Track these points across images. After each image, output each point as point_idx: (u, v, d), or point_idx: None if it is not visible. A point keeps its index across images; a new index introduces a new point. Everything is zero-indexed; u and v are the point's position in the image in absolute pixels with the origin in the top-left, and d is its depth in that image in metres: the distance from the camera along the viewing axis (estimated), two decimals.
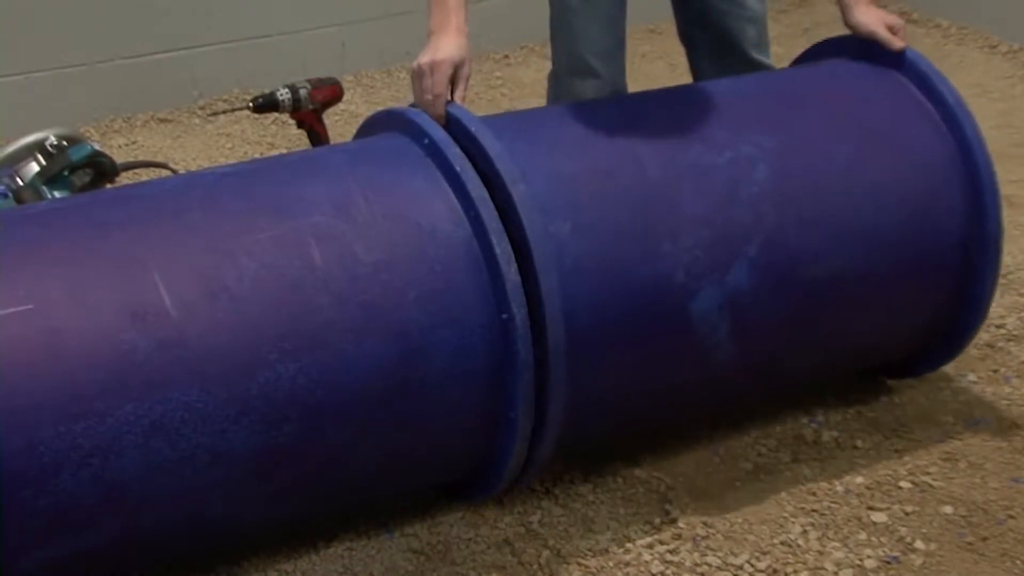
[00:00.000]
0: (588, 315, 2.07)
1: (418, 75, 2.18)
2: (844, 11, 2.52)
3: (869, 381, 2.65)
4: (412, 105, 2.23)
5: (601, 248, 2.10)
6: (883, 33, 2.47)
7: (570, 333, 2.03)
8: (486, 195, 2.02)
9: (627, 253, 2.12)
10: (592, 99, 2.66)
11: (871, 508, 2.30)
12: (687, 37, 2.90)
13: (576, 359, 2.04)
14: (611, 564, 2.18)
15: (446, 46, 2.18)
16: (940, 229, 2.37)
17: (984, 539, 2.22)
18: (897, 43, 2.45)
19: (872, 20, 2.48)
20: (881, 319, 2.42)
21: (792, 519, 2.28)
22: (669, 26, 2.96)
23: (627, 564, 2.18)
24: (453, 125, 2.11)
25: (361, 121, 2.36)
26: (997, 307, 2.93)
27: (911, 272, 2.37)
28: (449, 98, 2.17)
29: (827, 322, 2.34)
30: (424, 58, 2.18)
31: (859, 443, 2.48)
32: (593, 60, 2.70)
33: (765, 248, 2.20)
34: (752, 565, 2.17)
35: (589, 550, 2.21)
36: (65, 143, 2.67)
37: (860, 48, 2.51)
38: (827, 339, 2.39)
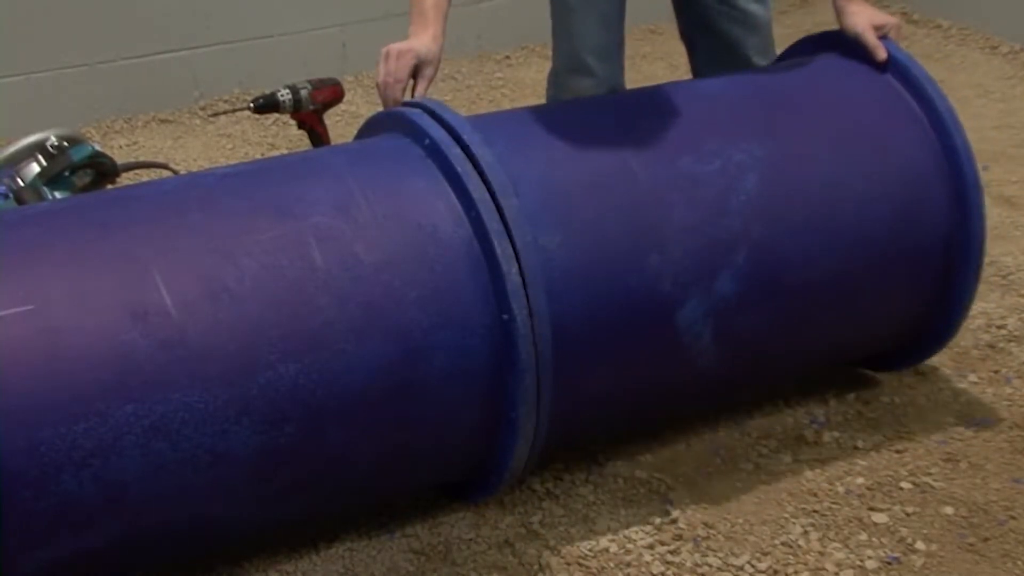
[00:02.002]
0: (575, 325, 2.07)
1: (383, 58, 2.30)
2: (837, 13, 2.52)
3: (870, 381, 2.65)
4: (411, 104, 2.24)
5: (590, 260, 2.10)
6: (870, 38, 2.45)
7: (558, 342, 2.03)
8: (487, 196, 2.02)
9: (615, 265, 2.12)
10: (586, 100, 2.66)
11: (872, 509, 2.30)
12: (688, 40, 2.90)
13: (563, 366, 2.05)
14: (612, 565, 2.18)
15: (417, 42, 2.32)
16: (925, 234, 2.38)
17: (985, 540, 2.22)
18: (880, 52, 2.44)
19: (860, 23, 2.47)
20: (864, 321, 2.43)
21: (793, 520, 2.28)
22: (669, 27, 2.97)
23: (628, 565, 2.18)
24: (448, 130, 2.11)
25: (362, 122, 2.36)
26: (998, 308, 2.93)
27: (895, 276, 2.39)
28: (410, 95, 2.29)
29: (809, 325, 2.36)
30: (393, 45, 2.31)
31: (860, 444, 2.48)
32: (590, 59, 2.70)
33: (752, 257, 2.21)
34: (753, 566, 2.16)
35: (590, 551, 2.21)
36: (66, 143, 2.67)
37: (849, 45, 2.51)
38: (809, 341, 2.40)
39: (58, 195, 2.62)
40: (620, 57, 2.79)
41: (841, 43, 2.53)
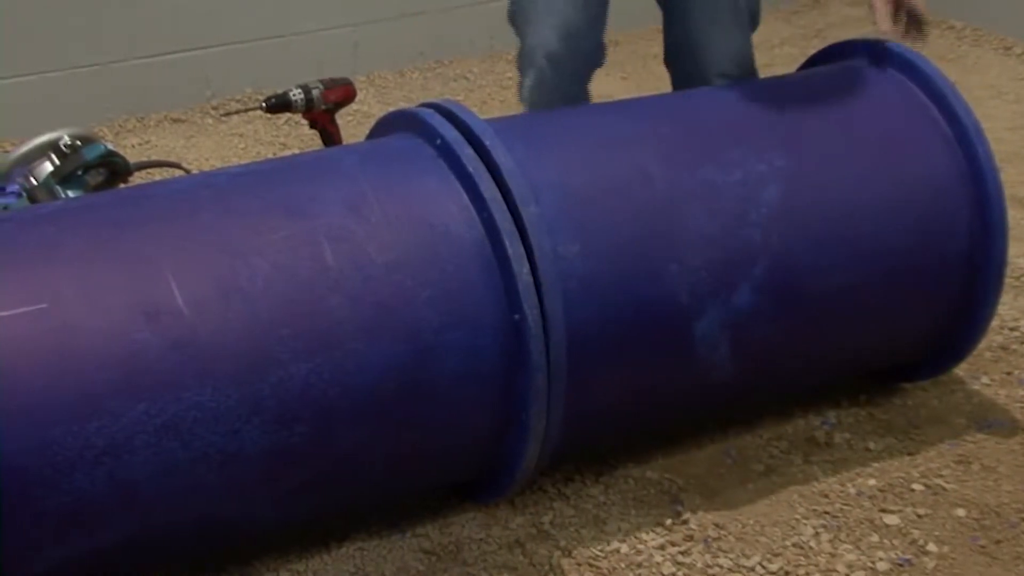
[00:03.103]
0: (590, 331, 2.07)
1: None
2: None
3: (881, 383, 2.64)
4: (424, 104, 2.24)
5: (607, 268, 2.09)
6: (879, 3, 2.37)
7: (572, 347, 2.03)
8: (498, 195, 2.02)
9: (634, 274, 2.11)
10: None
11: (883, 510, 2.29)
12: (669, 63, 2.85)
13: (576, 372, 2.05)
14: (622, 565, 2.18)
15: None
16: (946, 247, 2.37)
17: (997, 542, 2.21)
18: (884, 23, 2.36)
19: (879, 5, 2.37)
20: (883, 333, 2.42)
21: (804, 521, 2.27)
22: None
23: (638, 565, 2.18)
24: (465, 132, 2.11)
25: (374, 121, 2.36)
26: (1011, 309, 2.92)
27: (915, 289, 2.38)
28: None
29: (828, 337, 2.35)
30: None
31: (871, 445, 2.47)
32: (542, 61, 2.65)
33: (770, 269, 2.20)
34: (764, 567, 2.16)
35: (600, 551, 2.21)
36: (79, 143, 2.68)
37: (877, 55, 2.50)
38: (827, 353, 2.39)
39: (71, 194, 2.63)
40: (581, 63, 2.71)
41: (865, 52, 2.52)
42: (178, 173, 3.17)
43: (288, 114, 3.15)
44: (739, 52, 2.73)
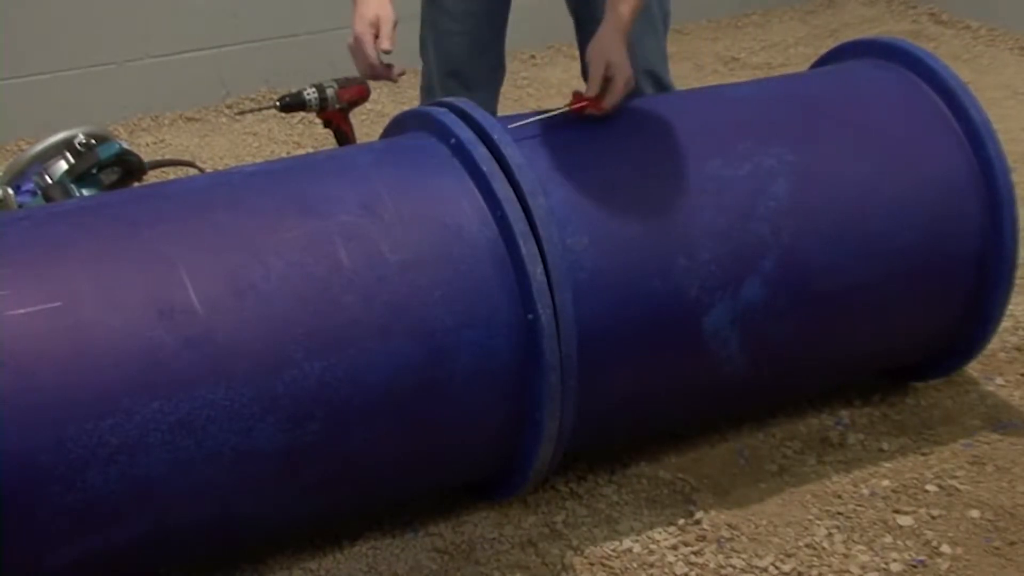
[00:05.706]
0: (601, 327, 2.08)
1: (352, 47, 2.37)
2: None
3: (895, 383, 2.64)
4: (437, 104, 2.24)
5: (616, 262, 2.10)
6: (594, 79, 2.19)
7: (583, 343, 2.03)
8: (512, 195, 2.02)
9: (643, 268, 2.12)
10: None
11: (897, 511, 2.29)
12: (584, 72, 2.83)
13: (588, 368, 2.05)
14: (635, 565, 2.18)
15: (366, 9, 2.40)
16: (956, 245, 2.37)
17: (1011, 544, 2.21)
18: (592, 92, 2.18)
19: (595, 58, 2.20)
20: (893, 330, 2.42)
21: (817, 521, 2.27)
22: (695, 27, 2.96)
23: (651, 565, 2.17)
24: (477, 129, 2.12)
25: (388, 121, 2.37)
26: None
27: (925, 286, 2.38)
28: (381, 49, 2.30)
29: (838, 333, 2.35)
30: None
31: (885, 446, 2.47)
32: (438, 91, 2.69)
33: (780, 263, 2.20)
34: (777, 567, 2.16)
35: (613, 551, 2.21)
36: (94, 141, 2.68)
37: (886, 53, 2.49)
38: (837, 349, 2.39)
39: (85, 192, 2.63)
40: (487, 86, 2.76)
41: (877, 51, 2.52)
42: (192, 172, 3.18)
43: (302, 113, 3.16)
44: (654, 52, 2.74)
